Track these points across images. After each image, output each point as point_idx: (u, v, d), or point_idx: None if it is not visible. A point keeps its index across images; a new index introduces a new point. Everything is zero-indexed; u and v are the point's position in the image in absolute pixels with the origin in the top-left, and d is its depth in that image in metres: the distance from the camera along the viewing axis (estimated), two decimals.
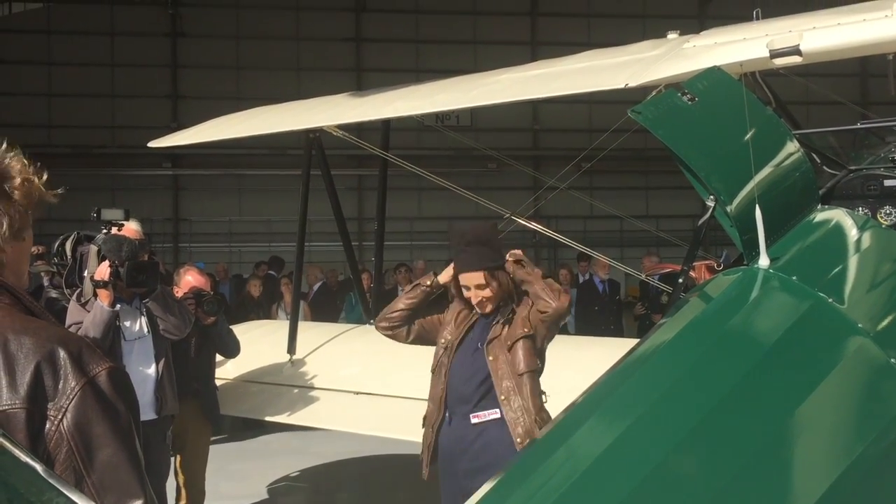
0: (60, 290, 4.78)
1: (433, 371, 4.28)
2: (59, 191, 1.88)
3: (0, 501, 1.24)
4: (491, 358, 4.07)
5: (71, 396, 1.67)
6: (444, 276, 4.33)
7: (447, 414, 4.15)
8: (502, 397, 4.02)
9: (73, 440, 1.65)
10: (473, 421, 4.07)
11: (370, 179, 19.19)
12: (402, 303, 4.40)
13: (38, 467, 1.28)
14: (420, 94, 6.28)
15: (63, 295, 4.80)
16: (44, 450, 1.63)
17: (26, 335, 1.71)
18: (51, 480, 1.27)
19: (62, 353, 1.69)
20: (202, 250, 20.19)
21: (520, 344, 4.06)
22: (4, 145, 1.83)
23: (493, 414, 4.04)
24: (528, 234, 15.77)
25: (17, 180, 1.79)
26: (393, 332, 4.43)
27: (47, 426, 1.65)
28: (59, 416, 1.66)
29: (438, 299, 4.49)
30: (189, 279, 5.82)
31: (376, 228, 7.57)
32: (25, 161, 1.84)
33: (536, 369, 4.10)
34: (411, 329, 4.38)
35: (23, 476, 1.27)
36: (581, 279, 13.36)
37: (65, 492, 1.26)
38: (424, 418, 4.30)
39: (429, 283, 4.37)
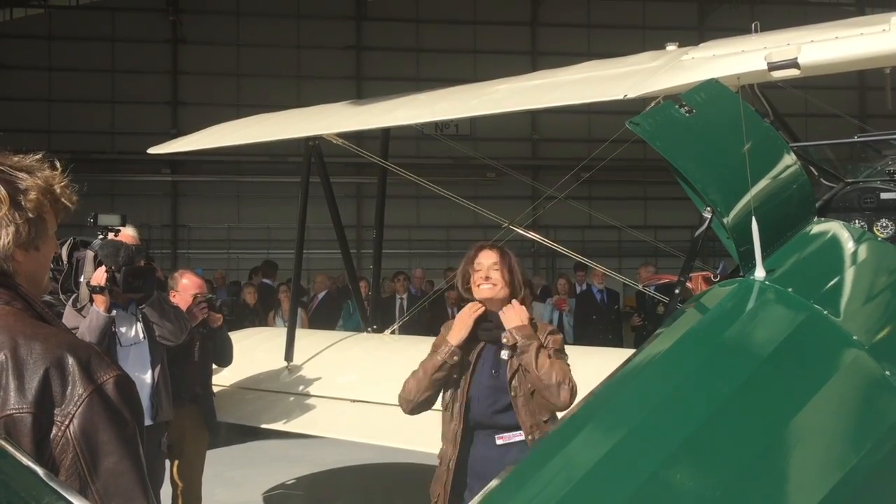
0: (56, 296, 4.76)
1: (448, 403, 4.03)
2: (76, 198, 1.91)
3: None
4: (513, 379, 3.93)
5: (78, 403, 1.68)
6: (455, 336, 4.00)
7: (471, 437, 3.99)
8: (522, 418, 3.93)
9: (79, 446, 1.66)
10: (499, 442, 3.95)
11: (369, 187, 19.21)
12: (425, 389, 3.98)
13: (40, 471, 1.29)
14: (420, 102, 6.30)
15: (59, 300, 4.79)
16: (49, 455, 1.64)
17: (36, 341, 1.72)
18: (52, 484, 1.28)
19: (71, 360, 1.71)
20: (200, 257, 20.19)
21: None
22: (31, 160, 1.86)
23: (518, 436, 3.94)
24: (526, 243, 15.78)
25: (32, 194, 1.81)
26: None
27: (53, 432, 1.66)
28: (66, 423, 1.67)
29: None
30: (186, 282, 5.81)
31: (375, 236, 7.58)
32: (58, 166, 1.86)
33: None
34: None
35: (23, 479, 1.28)
36: (578, 289, 13.37)
37: (66, 495, 1.27)
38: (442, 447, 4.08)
39: (448, 357, 3.96)
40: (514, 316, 3.94)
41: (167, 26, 21.27)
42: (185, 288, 5.75)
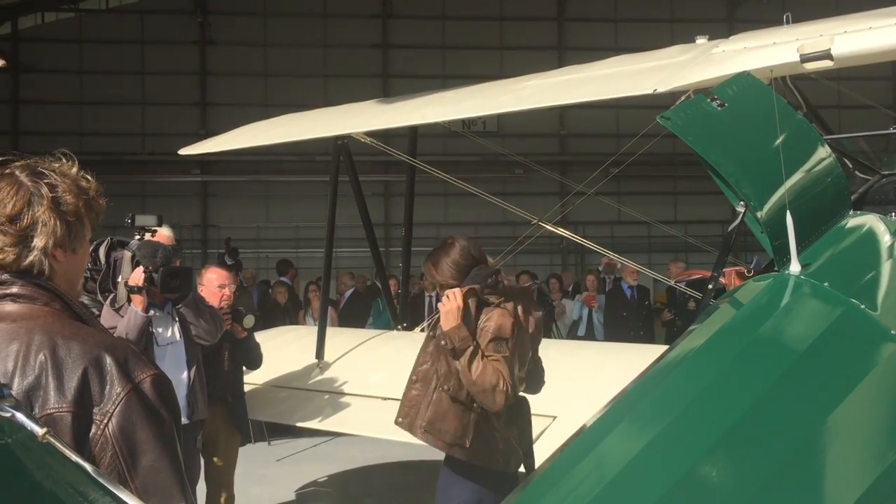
0: (93, 296, 4.82)
1: None
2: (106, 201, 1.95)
3: (48, 498, 1.27)
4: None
5: (117, 402, 1.71)
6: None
7: None
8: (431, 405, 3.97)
9: (118, 445, 1.69)
10: None
11: (397, 185, 19.25)
12: None
13: (88, 467, 1.31)
14: (447, 100, 6.30)
15: (95, 301, 4.85)
16: (89, 454, 1.67)
17: (75, 341, 1.75)
18: (100, 480, 1.30)
19: (109, 359, 1.73)
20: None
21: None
22: (75, 168, 1.90)
23: None
24: (555, 239, 15.73)
25: (71, 197, 1.86)
26: None
27: (93, 430, 1.69)
28: (105, 421, 1.69)
29: None
30: (212, 277, 5.82)
31: (404, 234, 7.59)
32: (89, 178, 1.91)
33: None
34: None
35: (71, 475, 1.30)
36: (608, 284, 13.29)
37: (114, 490, 1.29)
38: None
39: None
40: (448, 315, 3.74)
41: (195, 28, 21.46)
42: (210, 281, 5.74)
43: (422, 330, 7.29)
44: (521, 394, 3.96)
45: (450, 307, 3.73)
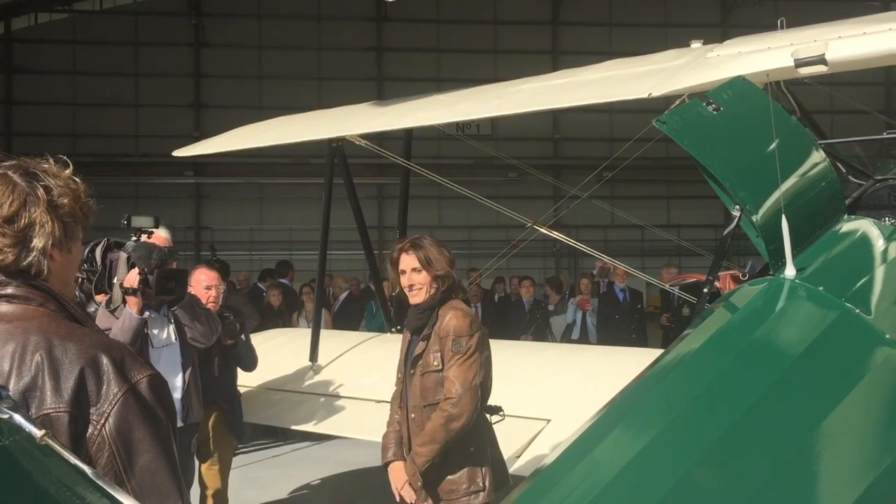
0: (89, 297, 4.79)
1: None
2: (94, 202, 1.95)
3: (46, 499, 1.26)
4: (414, 382, 3.98)
5: (113, 402, 1.70)
6: None
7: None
8: (415, 427, 3.96)
9: (115, 445, 1.68)
10: None
11: (390, 188, 19.28)
12: None
13: (88, 470, 1.31)
14: (442, 103, 6.29)
15: (93, 301, 4.82)
16: (85, 454, 1.67)
17: (71, 341, 1.74)
18: (98, 482, 1.30)
19: (105, 360, 1.73)
20: (224, 258, 20.30)
21: (430, 376, 3.91)
22: (67, 170, 1.90)
23: None
24: (548, 243, 15.75)
25: (66, 199, 1.86)
26: None
27: (90, 430, 1.69)
28: (102, 421, 1.69)
29: None
30: (201, 278, 5.78)
31: (398, 237, 7.57)
32: (76, 180, 1.91)
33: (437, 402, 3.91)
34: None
35: (69, 477, 1.30)
36: (601, 284, 13.30)
37: (112, 493, 1.29)
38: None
39: None
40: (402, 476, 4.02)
41: (190, 30, 21.44)
42: (198, 282, 5.71)
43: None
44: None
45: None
